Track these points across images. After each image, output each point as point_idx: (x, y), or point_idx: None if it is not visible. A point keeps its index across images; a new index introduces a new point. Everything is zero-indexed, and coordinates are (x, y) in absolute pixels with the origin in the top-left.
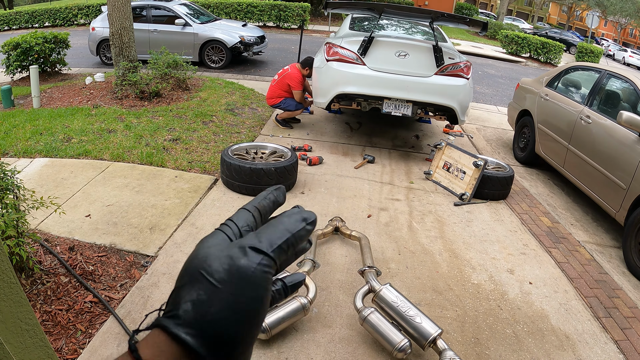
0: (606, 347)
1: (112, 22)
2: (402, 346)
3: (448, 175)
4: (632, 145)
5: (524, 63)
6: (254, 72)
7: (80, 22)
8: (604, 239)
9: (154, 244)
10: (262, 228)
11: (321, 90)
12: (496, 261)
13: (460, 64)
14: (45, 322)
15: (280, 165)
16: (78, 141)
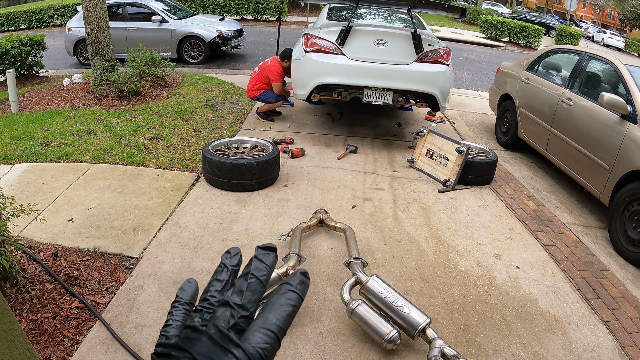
0: (595, 328)
1: (87, 22)
2: (392, 337)
3: (431, 163)
4: (614, 127)
5: (504, 47)
6: (233, 66)
7: (57, 23)
8: (590, 220)
9: (138, 245)
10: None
11: (300, 81)
12: (483, 247)
13: (440, 51)
14: (32, 330)
15: (262, 160)
16: (58, 144)
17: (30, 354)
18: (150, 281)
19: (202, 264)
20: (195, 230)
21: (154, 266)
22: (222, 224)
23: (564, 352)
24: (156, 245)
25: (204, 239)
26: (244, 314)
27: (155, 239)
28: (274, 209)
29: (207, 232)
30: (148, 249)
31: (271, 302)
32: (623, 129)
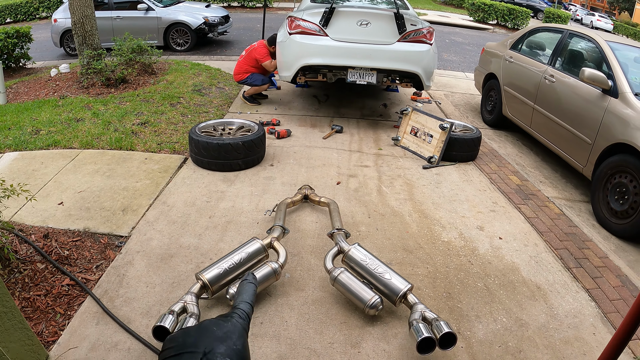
0: (577, 296)
1: (73, 11)
2: (373, 302)
3: (416, 140)
4: (595, 101)
5: (492, 30)
6: (220, 52)
7: (42, 16)
8: (573, 194)
9: (127, 224)
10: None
11: (285, 63)
12: (466, 219)
13: (423, 30)
14: (24, 308)
15: (248, 139)
16: (47, 132)
17: (22, 325)
18: (139, 257)
19: (190, 240)
20: (183, 209)
21: (142, 243)
22: (209, 202)
23: (546, 318)
24: (145, 224)
25: (192, 217)
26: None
27: (144, 218)
28: (260, 186)
29: (194, 210)
30: (137, 228)
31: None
32: (604, 104)
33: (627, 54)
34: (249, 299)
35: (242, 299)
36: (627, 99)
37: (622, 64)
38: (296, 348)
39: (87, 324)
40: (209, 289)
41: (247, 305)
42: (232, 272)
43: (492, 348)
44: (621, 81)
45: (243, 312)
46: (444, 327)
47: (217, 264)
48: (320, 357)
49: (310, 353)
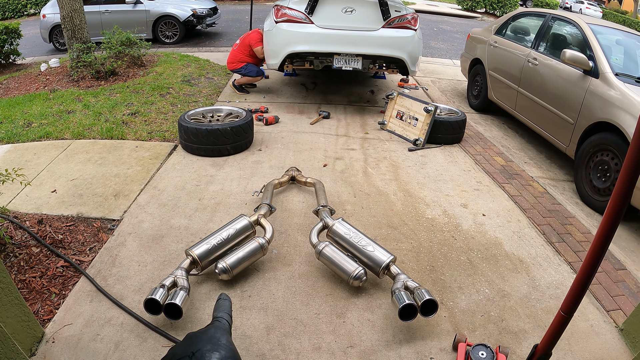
0: (559, 268)
1: (62, 6)
2: (357, 274)
3: (401, 124)
4: (576, 82)
5: (480, 18)
6: (209, 44)
7: (31, 12)
8: (557, 174)
9: (119, 208)
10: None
11: (272, 51)
12: (450, 197)
13: (407, 16)
14: (20, 289)
15: (236, 125)
16: (38, 125)
17: (18, 302)
18: (131, 239)
19: (180, 221)
20: (173, 192)
21: (134, 225)
22: (199, 185)
23: (528, 289)
24: (136, 207)
25: (182, 199)
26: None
27: (136, 202)
28: (248, 170)
29: (184, 193)
30: (129, 211)
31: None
32: (585, 84)
33: (609, 37)
34: (226, 310)
35: (219, 311)
36: (608, 79)
37: (604, 45)
38: (283, 319)
39: (81, 302)
40: (199, 264)
41: (226, 315)
42: (220, 248)
43: (474, 317)
44: (602, 62)
45: (222, 319)
46: (425, 295)
47: (206, 240)
48: (307, 327)
49: (296, 323)
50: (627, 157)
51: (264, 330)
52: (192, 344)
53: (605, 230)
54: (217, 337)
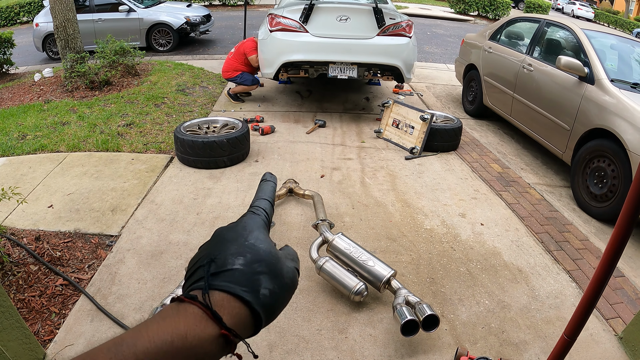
0: (558, 277)
1: (55, 15)
2: (358, 289)
3: (398, 132)
4: (572, 88)
5: (473, 21)
6: (203, 51)
7: (23, 20)
8: (554, 180)
9: (116, 224)
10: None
11: (267, 60)
12: (448, 207)
13: (402, 24)
14: (20, 309)
15: (232, 136)
16: (33, 137)
17: (19, 325)
18: (130, 255)
19: (179, 236)
20: (171, 207)
21: (132, 241)
22: (197, 199)
23: (528, 299)
24: (134, 223)
25: (180, 214)
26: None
27: (133, 217)
28: (246, 182)
29: (182, 208)
30: (126, 227)
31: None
32: (581, 90)
33: (603, 42)
34: (265, 195)
35: (257, 197)
36: (603, 85)
37: (598, 51)
38: (285, 336)
39: (81, 321)
40: None
41: (264, 202)
42: None
43: (475, 329)
44: (597, 68)
45: (258, 208)
46: (426, 310)
47: None
48: (309, 344)
49: (299, 340)
50: (638, 173)
51: (267, 348)
52: (216, 245)
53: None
54: (245, 235)
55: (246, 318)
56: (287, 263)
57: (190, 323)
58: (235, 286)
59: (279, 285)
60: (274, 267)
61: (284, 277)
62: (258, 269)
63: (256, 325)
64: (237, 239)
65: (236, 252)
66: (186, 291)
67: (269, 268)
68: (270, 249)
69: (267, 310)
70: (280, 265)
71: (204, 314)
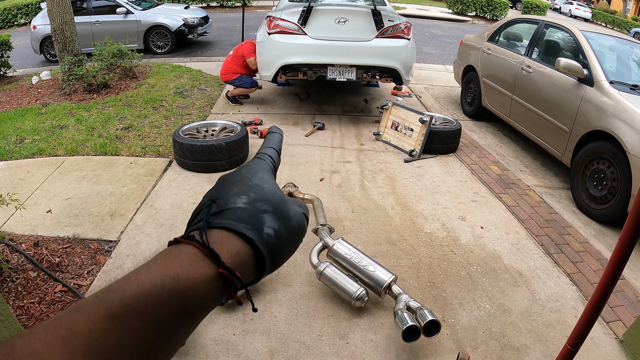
0: (559, 280)
1: (52, 18)
2: (359, 295)
3: (397, 134)
4: (571, 90)
5: (471, 22)
6: (201, 53)
7: (21, 22)
8: (553, 181)
9: (115, 229)
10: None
11: (265, 63)
12: (448, 210)
13: (400, 26)
14: (19, 316)
15: (231, 140)
16: (31, 141)
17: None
18: (129, 261)
19: None
20: (170, 211)
21: (132, 247)
22: (195, 203)
23: (528, 303)
24: (133, 228)
25: (179, 218)
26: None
27: (132, 222)
28: None
29: (181, 212)
30: (125, 232)
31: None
32: (580, 92)
33: (602, 43)
34: (271, 144)
35: (263, 146)
36: (603, 87)
37: (597, 52)
38: (286, 342)
39: None
40: None
41: (271, 150)
42: None
43: (476, 334)
44: (596, 70)
45: (264, 154)
46: (427, 315)
47: None
48: (310, 350)
49: (299, 346)
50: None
51: (268, 355)
52: (220, 187)
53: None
54: (249, 176)
55: (248, 258)
56: (295, 207)
57: (184, 263)
58: (236, 223)
59: (284, 227)
60: (280, 207)
61: (290, 218)
62: (262, 207)
63: (259, 269)
64: (241, 180)
65: (239, 191)
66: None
67: (274, 207)
68: (276, 190)
69: (271, 250)
70: (287, 207)
71: (199, 253)
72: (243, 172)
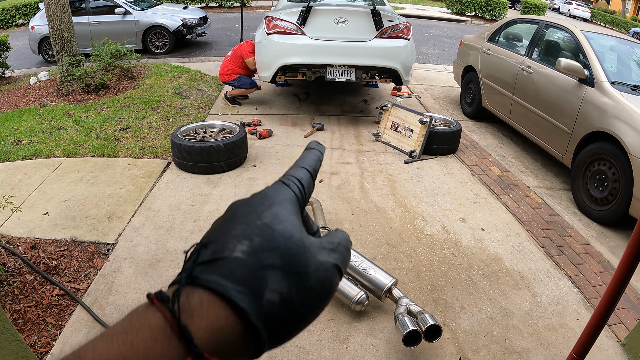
0: (560, 283)
1: (50, 18)
2: (359, 298)
3: (396, 135)
4: (572, 91)
5: (470, 22)
6: (199, 53)
7: (19, 23)
8: (554, 182)
9: (113, 231)
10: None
11: (264, 63)
12: (448, 212)
13: (400, 26)
14: (16, 320)
15: (230, 141)
16: (29, 142)
17: (14, 338)
18: (127, 264)
19: (176, 244)
20: (168, 213)
21: (129, 250)
22: (194, 205)
23: (530, 306)
24: (131, 230)
25: (177, 221)
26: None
27: (130, 224)
28: (244, 188)
29: (179, 214)
30: (123, 234)
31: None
32: (581, 93)
33: (603, 43)
34: (305, 164)
35: (295, 165)
36: (604, 88)
37: (598, 53)
38: (285, 346)
39: (78, 333)
40: None
41: (302, 171)
42: None
43: (477, 338)
44: (597, 70)
45: (291, 177)
46: (428, 320)
47: None
48: (310, 355)
49: (299, 351)
50: None
51: None
52: (222, 223)
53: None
54: (260, 210)
55: (236, 336)
56: (321, 256)
57: (143, 343)
58: (225, 282)
59: (298, 289)
60: (294, 259)
61: (309, 276)
62: (267, 260)
63: (255, 348)
64: (248, 215)
65: (241, 233)
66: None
67: (285, 260)
68: (293, 233)
69: (273, 325)
70: (307, 258)
71: (167, 328)
72: (254, 203)
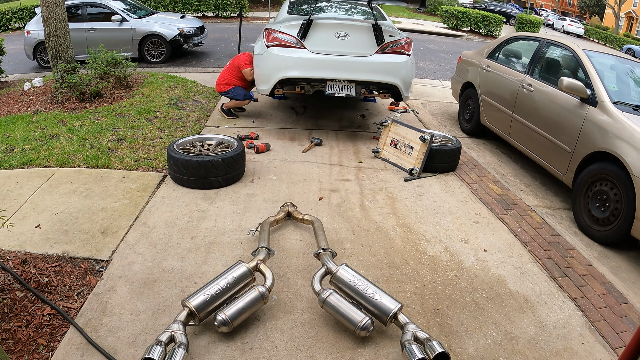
0: (564, 306)
1: (46, 24)
2: (364, 324)
3: (396, 152)
4: (574, 110)
5: (465, 37)
6: (196, 63)
7: (15, 27)
8: (554, 201)
9: (107, 247)
10: None
11: (263, 76)
12: (450, 232)
13: (401, 41)
14: (5, 340)
15: (227, 156)
16: (21, 150)
17: (3, 357)
18: (122, 283)
19: (172, 263)
20: (164, 230)
21: (124, 268)
22: (191, 221)
23: (535, 330)
24: (125, 247)
25: (173, 238)
26: None
27: (124, 240)
28: (242, 204)
29: (175, 231)
30: (117, 251)
31: None
32: (583, 112)
33: (603, 62)
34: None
35: None
36: (606, 108)
37: (600, 72)
38: None
39: (71, 356)
40: (196, 316)
41: None
42: (219, 298)
43: None
44: (599, 90)
45: None
46: (436, 348)
47: (203, 290)
48: None
49: None
50: None
51: None
52: None
53: None
54: None
55: None
56: None
57: None
58: None
59: None
60: None
61: None
62: None
63: None
64: None
65: None
66: None
67: None
68: None
69: None
70: None
71: None
72: None
